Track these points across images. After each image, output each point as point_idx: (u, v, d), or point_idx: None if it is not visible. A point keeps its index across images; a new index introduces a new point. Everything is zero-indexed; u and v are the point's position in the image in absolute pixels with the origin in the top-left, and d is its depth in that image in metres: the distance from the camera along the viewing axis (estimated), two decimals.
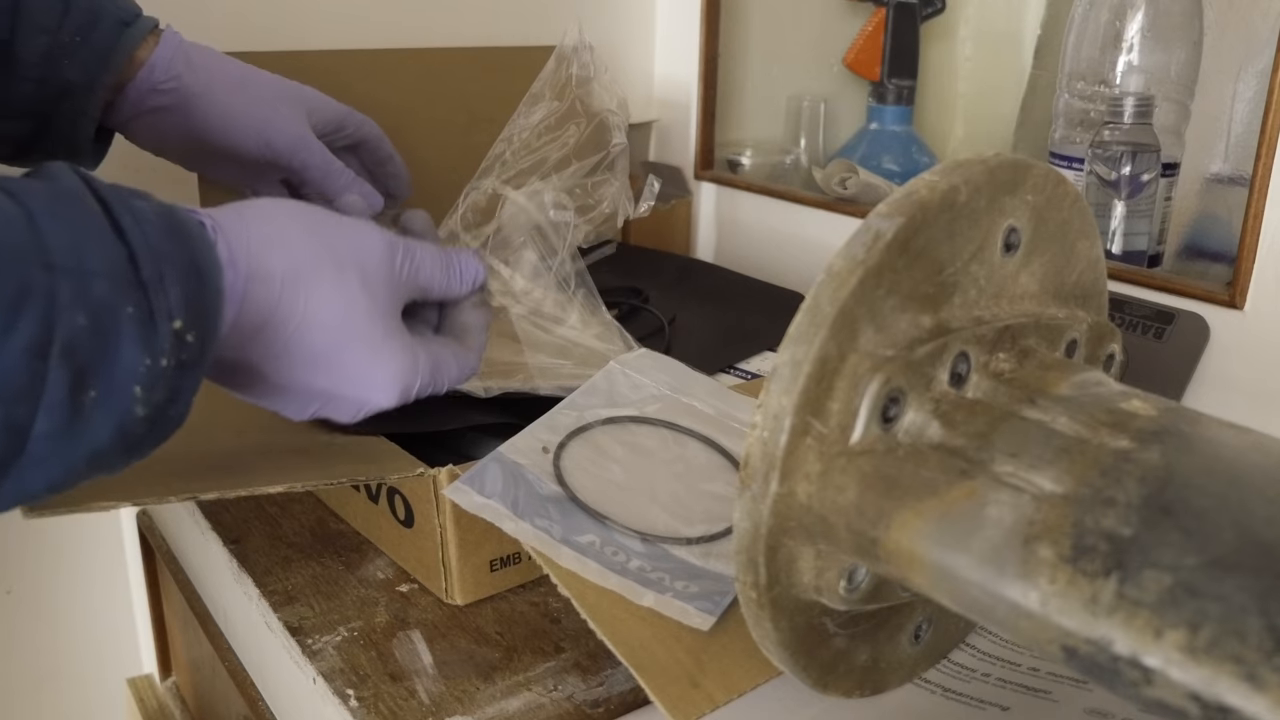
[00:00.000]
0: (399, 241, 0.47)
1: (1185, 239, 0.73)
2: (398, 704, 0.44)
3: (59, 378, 0.31)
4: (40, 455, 0.32)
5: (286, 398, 0.45)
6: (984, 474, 0.33)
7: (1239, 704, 0.26)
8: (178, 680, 0.81)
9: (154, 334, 0.33)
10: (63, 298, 0.31)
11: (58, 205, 0.33)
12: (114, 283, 0.33)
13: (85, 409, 0.32)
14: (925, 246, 0.35)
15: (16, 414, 0.31)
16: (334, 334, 0.43)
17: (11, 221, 0.31)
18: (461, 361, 0.50)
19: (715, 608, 0.44)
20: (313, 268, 0.42)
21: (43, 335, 0.31)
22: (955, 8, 0.90)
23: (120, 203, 0.34)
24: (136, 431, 0.34)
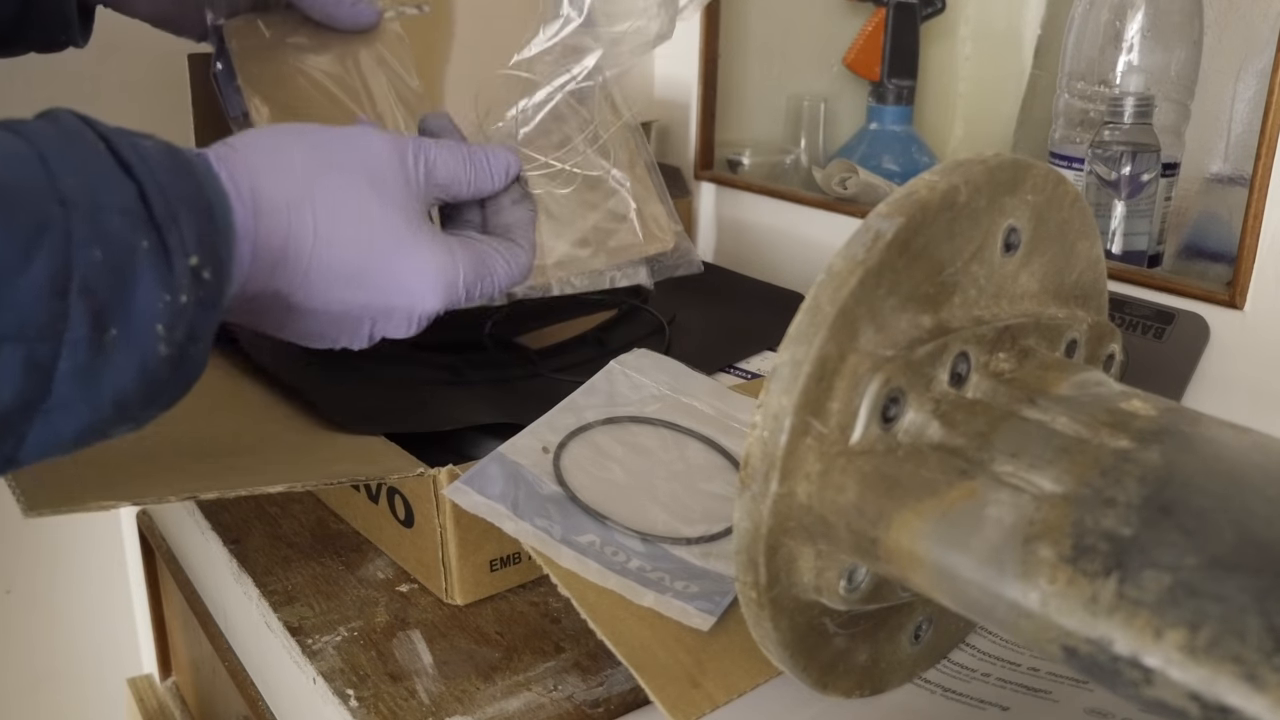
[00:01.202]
0: (406, 141, 0.46)
1: (1185, 239, 0.73)
2: (398, 704, 0.44)
3: (79, 315, 0.31)
4: (66, 397, 0.32)
5: (336, 324, 0.44)
6: (984, 474, 0.33)
7: (1239, 704, 0.26)
8: (178, 680, 0.81)
9: (170, 270, 0.33)
10: (78, 233, 0.31)
11: (65, 144, 0.33)
12: (127, 218, 0.32)
13: (107, 347, 0.32)
14: (925, 246, 0.35)
15: (39, 352, 0.30)
16: (355, 243, 0.42)
17: (23, 159, 0.31)
18: (511, 259, 0.48)
19: (715, 608, 0.44)
20: (316, 185, 0.41)
21: (61, 271, 0.30)
22: (955, 8, 0.90)
23: (125, 141, 0.34)
24: (160, 373, 0.34)
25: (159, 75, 0.83)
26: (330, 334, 0.44)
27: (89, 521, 0.90)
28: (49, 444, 0.33)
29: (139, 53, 0.81)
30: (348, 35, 0.64)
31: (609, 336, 0.69)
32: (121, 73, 0.82)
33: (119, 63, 0.82)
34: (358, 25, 0.64)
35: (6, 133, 0.32)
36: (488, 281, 0.46)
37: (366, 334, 0.45)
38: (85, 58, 0.61)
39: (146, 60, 0.82)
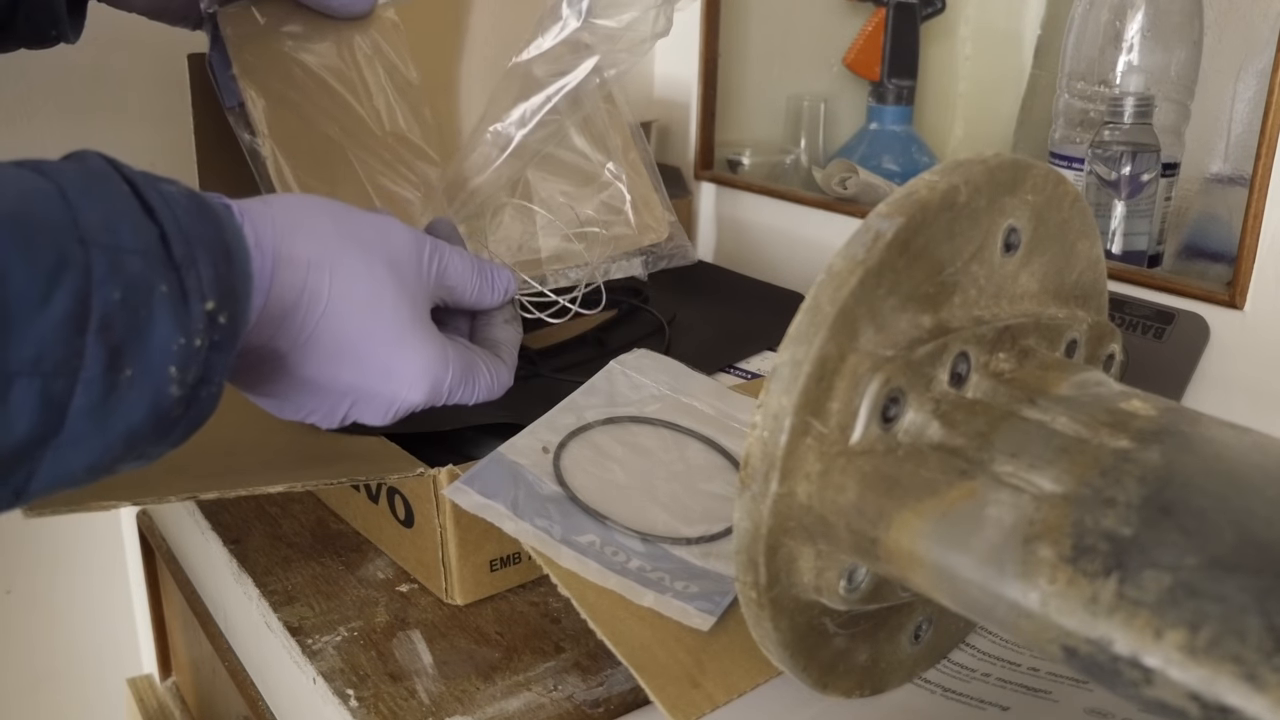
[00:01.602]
0: (425, 238, 0.46)
1: (1185, 239, 0.73)
2: (398, 704, 0.44)
3: (96, 353, 0.31)
4: (79, 433, 0.32)
5: (316, 397, 0.44)
6: (984, 474, 0.33)
7: (1239, 704, 0.26)
8: (178, 680, 0.81)
9: (187, 313, 0.34)
10: (98, 272, 0.32)
11: (89, 184, 0.33)
12: (147, 260, 0.33)
13: (121, 386, 0.32)
14: (925, 246, 0.35)
15: (55, 388, 0.31)
16: (360, 320, 0.42)
17: (47, 197, 0.32)
18: (494, 373, 0.49)
19: (715, 608, 0.44)
20: (339, 253, 0.42)
21: (80, 308, 0.31)
22: (955, 8, 0.90)
23: (148, 184, 0.35)
24: (171, 413, 0.34)
25: (159, 74, 0.83)
26: (307, 405, 0.45)
27: (89, 521, 0.90)
28: (59, 478, 0.33)
29: (139, 52, 0.81)
30: (343, 23, 0.64)
31: (609, 336, 0.69)
32: (121, 72, 0.82)
33: (119, 62, 0.82)
34: (352, 13, 0.64)
35: (31, 172, 0.33)
36: (469, 389, 0.47)
37: (341, 414, 0.45)
38: (85, 57, 0.61)
39: (146, 59, 0.82)
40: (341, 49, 0.64)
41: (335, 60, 0.64)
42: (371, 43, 0.64)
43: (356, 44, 0.64)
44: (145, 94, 0.84)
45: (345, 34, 0.64)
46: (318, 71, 0.63)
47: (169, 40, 0.65)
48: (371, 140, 0.64)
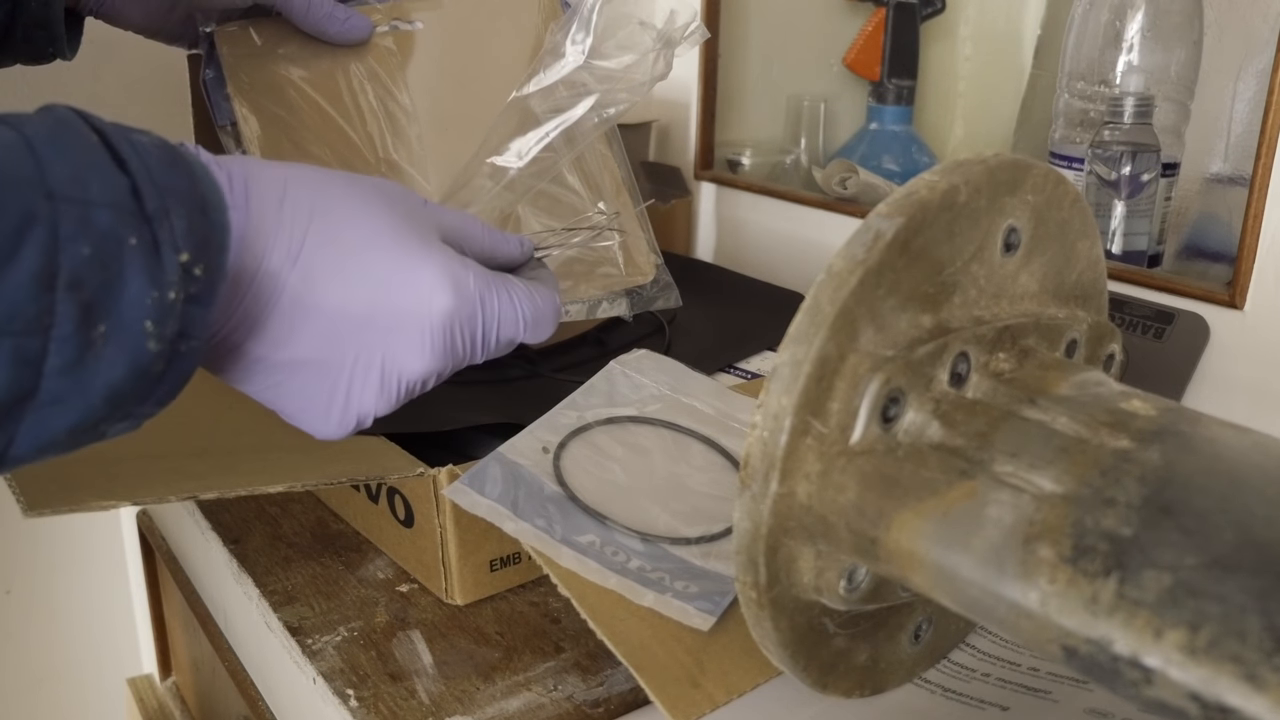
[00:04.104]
0: None
1: (1185, 239, 0.73)
2: (398, 704, 0.44)
3: (67, 310, 0.31)
4: (57, 393, 0.31)
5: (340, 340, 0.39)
6: (984, 474, 0.33)
7: (1239, 704, 0.26)
8: (178, 680, 0.81)
9: (160, 266, 0.33)
10: (66, 227, 0.31)
11: (57, 136, 0.32)
12: (118, 213, 0.32)
13: (96, 343, 0.32)
14: (925, 246, 0.35)
15: (28, 347, 0.30)
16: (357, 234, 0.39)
17: (11, 148, 0.31)
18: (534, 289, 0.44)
19: (715, 608, 0.44)
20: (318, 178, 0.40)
21: (47, 265, 0.30)
22: (955, 8, 0.90)
23: (120, 135, 0.34)
24: (152, 369, 0.34)
25: (159, 76, 0.83)
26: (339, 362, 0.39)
27: (89, 521, 0.90)
28: (42, 441, 0.33)
29: (139, 53, 0.81)
30: (339, 48, 0.64)
31: (609, 336, 0.69)
32: (122, 73, 0.82)
33: (119, 63, 0.82)
34: (348, 40, 0.64)
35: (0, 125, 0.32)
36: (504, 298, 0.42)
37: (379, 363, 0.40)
38: (85, 58, 0.61)
39: (146, 61, 0.82)
40: (336, 73, 0.64)
41: (330, 84, 0.64)
42: (367, 69, 0.65)
43: (352, 69, 0.65)
44: (145, 96, 0.84)
45: (341, 59, 0.65)
46: (312, 94, 0.63)
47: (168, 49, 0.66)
48: (362, 165, 0.64)
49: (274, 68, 0.63)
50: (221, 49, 0.63)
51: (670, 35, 0.61)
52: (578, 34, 0.61)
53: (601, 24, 0.61)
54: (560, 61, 0.62)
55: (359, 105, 0.64)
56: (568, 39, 0.62)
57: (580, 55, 0.62)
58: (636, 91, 0.63)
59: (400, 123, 0.65)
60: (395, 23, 0.66)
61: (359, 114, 0.65)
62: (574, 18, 0.62)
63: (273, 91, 0.63)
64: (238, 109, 0.63)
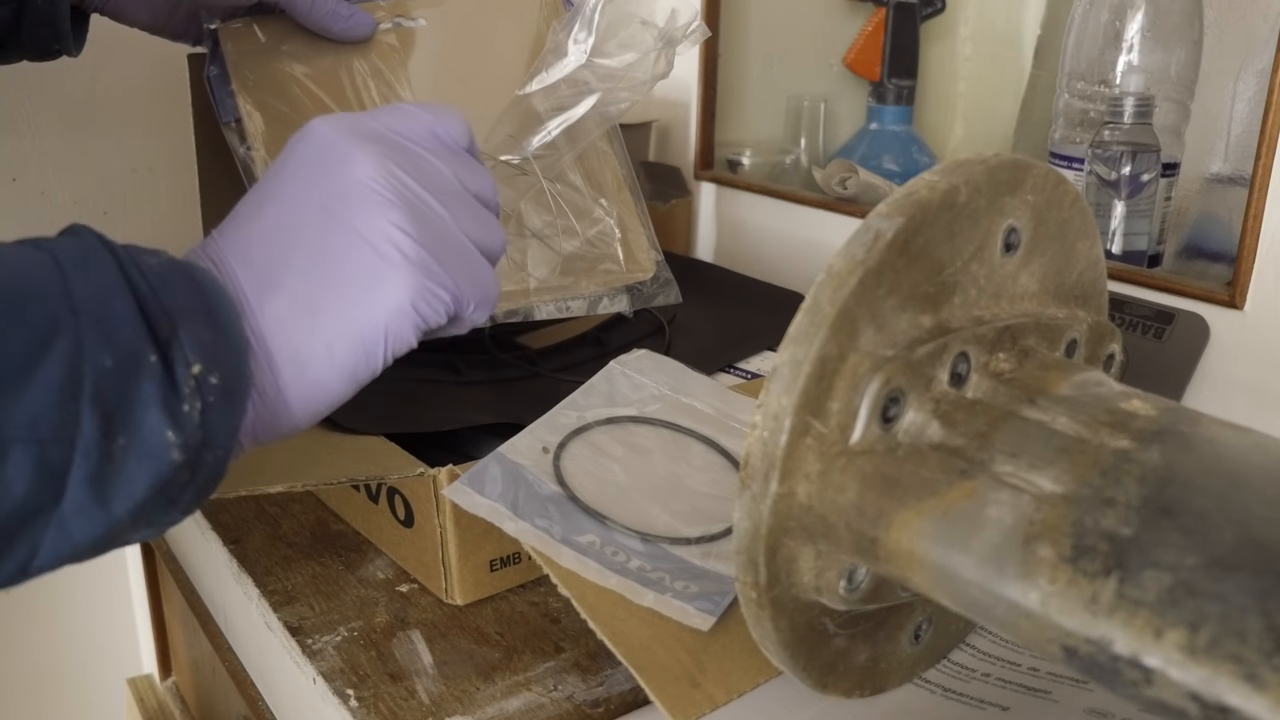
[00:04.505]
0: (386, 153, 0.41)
1: (1185, 239, 0.73)
2: (398, 704, 0.44)
3: (91, 420, 0.32)
4: (80, 503, 0.32)
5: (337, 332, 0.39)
6: (984, 474, 0.33)
7: (1239, 704, 0.26)
8: (178, 680, 0.81)
9: (172, 381, 0.34)
10: (90, 339, 0.32)
11: (82, 256, 0.34)
12: (134, 331, 0.33)
13: (116, 455, 0.32)
14: (925, 246, 0.35)
15: (52, 454, 0.31)
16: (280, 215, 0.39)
17: (40, 265, 0.33)
18: None
19: (715, 608, 0.44)
20: None
21: (72, 375, 0.31)
22: (955, 8, 0.90)
23: (129, 259, 0.35)
24: (176, 480, 0.34)
25: (159, 76, 0.83)
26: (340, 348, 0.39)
27: None
28: (65, 552, 0.33)
29: (139, 53, 0.81)
30: (342, 45, 0.65)
31: (609, 336, 0.69)
32: (122, 73, 0.82)
33: (120, 63, 0.82)
34: (351, 37, 0.64)
35: (27, 246, 0.34)
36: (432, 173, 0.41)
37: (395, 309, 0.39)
38: (86, 59, 0.62)
39: (146, 60, 0.82)
40: (340, 70, 0.65)
41: (333, 80, 0.64)
42: (370, 65, 0.65)
43: (355, 66, 0.65)
44: (146, 96, 0.84)
45: (344, 55, 0.65)
46: (315, 90, 0.64)
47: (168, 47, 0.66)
48: None
49: (278, 64, 0.64)
50: (226, 46, 0.63)
51: (672, 34, 0.62)
52: (580, 33, 0.62)
53: (604, 23, 0.61)
54: (563, 60, 0.62)
55: (362, 102, 0.65)
56: (570, 38, 0.62)
57: (583, 54, 0.62)
58: (638, 90, 0.63)
59: None
60: (398, 20, 0.66)
61: (362, 110, 0.64)
62: (576, 17, 0.62)
63: (276, 88, 0.63)
64: (242, 105, 0.63)
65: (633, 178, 0.68)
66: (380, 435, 0.53)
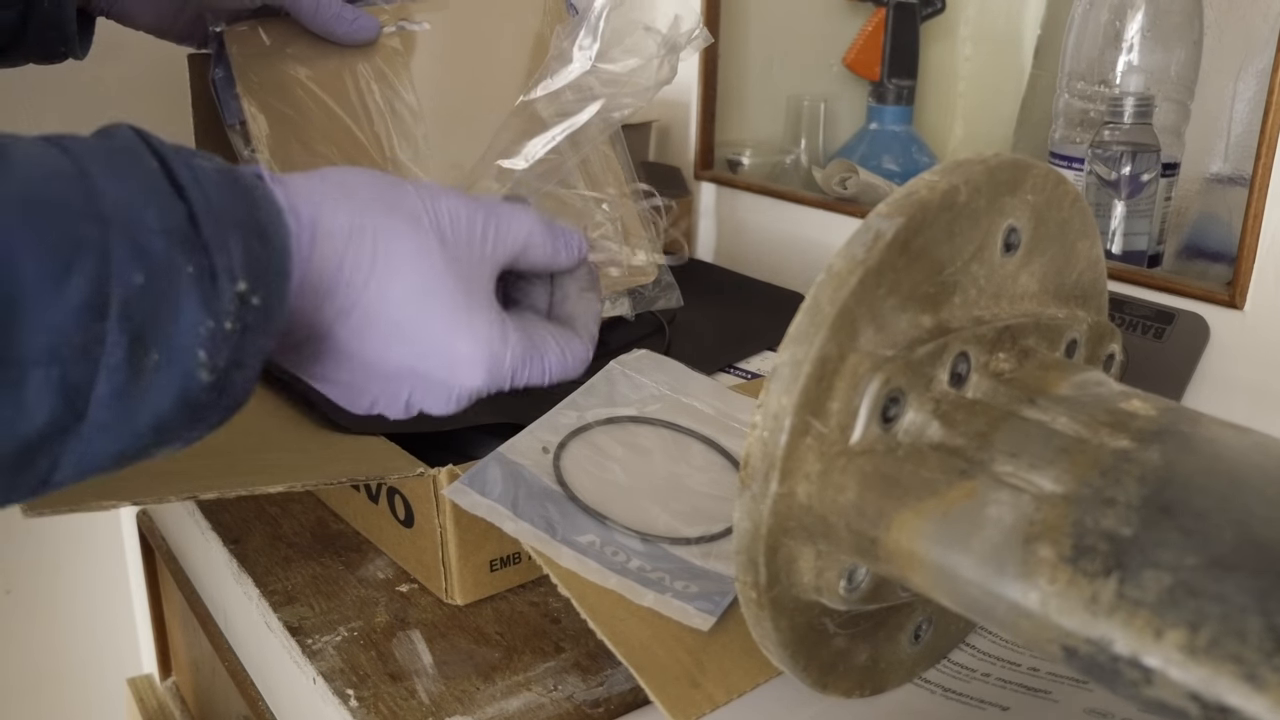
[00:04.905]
0: (482, 202, 0.44)
1: (1185, 239, 0.73)
2: (398, 704, 0.44)
3: (118, 338, 0.30)
4: (103, 421, 0.31)
5: (372, 379, 0.42)
6: (984, 474, 0.33)
7: (1239, 704, 0.26)
8: (178, 680, 0.81)
9: (216, 296, 0.32)
10: (118, 254, 0.30)
11: (114, 160, 0.32)
12: (173, 240, 0.32)
13: (146, 372, 0.31)
14: (925, 246, 0.35)
15: (75, 375, 0.30)
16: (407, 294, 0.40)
17: (62, 174, 0.31)
18: (567, 349, 0.45)
19: (715, 608, 0.44)
20: (382, 222, 0.40)
21: (98, 293, 0.30)
22: (955, 8, 0.90)
23: (179, 160, 0.33)
24: (202, 399, 0.33)
25: (159, 76, 0.83)
26: (369, 390, 0.42)
27: (89, 521, 0.90)
28: (85, 467, 0.32)
29: (140, 54, 0.81)
30: (347, 48, 0.65)
31: (609, 336, 0.69)
32: (122, 73, 0.82)
33: (120, 63, 0.82)
34: (356, 40, 0.64)
35: (52, 148, 0.32)
36: (536, 369, 0.44)
37: (404, 401, 0.43)
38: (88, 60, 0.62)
39: (147, 61, 0.82)
40: (344, 73, 0.65)
41: (337, 83, 0.65)
42: (374, 68, 0.65)
43: (359, 69, 0.65)
44: (146, 96, 0.84)
45: (349, 58, 0.65)
46: (319, 93, 0.64)
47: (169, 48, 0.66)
48: (369, 164, 0.64)
49: (282, 67, 0.64)
50: (231, 48, 0.64)
51: (674, 40, 0.62)
52: (584, 40, 0.62)
53: (608, 30, 0.62)
54: (567, 67, 0.63)
55: (366, 105, 0.65)
56: (575, 45, 0.62)
57: (587, 61, 0.62)
58: (641, 96, 0.63)
59: (406, 122, 0.65)
60: (402, 23, 0.66)
61: (366, 113, 0.65)
62: (581, 24, 0.62)
63: (281, 91, 0.63)
64: (246, 108, 0.63)
65: (635, 182, 0.68)
66: (380, 435, 0.53)
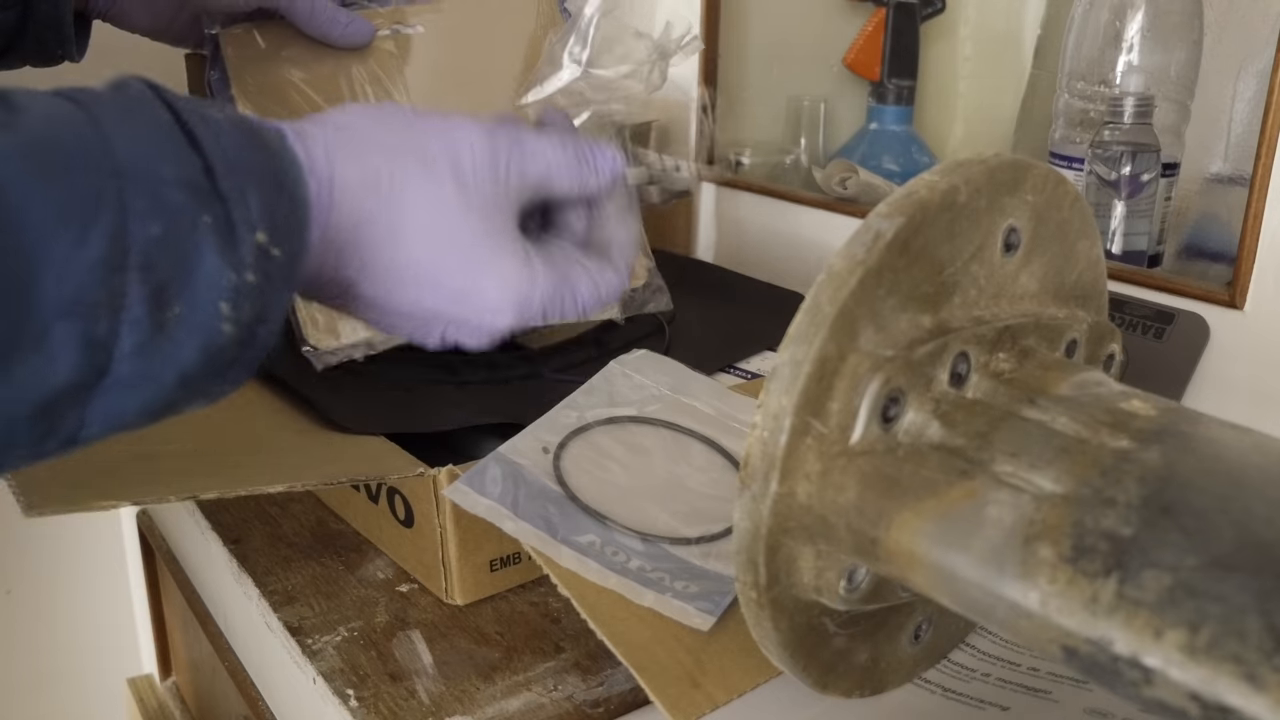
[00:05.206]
0: (501, 131, 0.42)
1: (1185, 239, 0.73)
2: (398, 704, 0.44)
3: (138, 291, 0.30)
4: (128, 375, 0.31)
5: (405, 320, 0.42)
6: (984, 474, 0.33)
7: (1239, 704, 0.26)
8: (178, 680, 0.81)
9: (235, 248, 0.32)
10: (135, 206, 0.30)
11: (127, 112, 0.32)
12: (190, 192, 0.31)
13: (169, 325, 0.31)
14: (925, 246, 0.35)
15: (98, 329, 0.29)
16: (428, 243, 0.40)
17: (76, 127, 0.30)
18: (601, 280, 0.44)
19: (715, 608, 0.44)
20: (398, 171, 0.39)
21: (116, 246, 0.29)
22: (955, 8, 0.90)
23: (193, 111, 0.33)
24: (226, 352, 0.33)
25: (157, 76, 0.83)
26: (401, 327, 0.42)
27: (89, 521, 0.90)
28: (113, 422, 0.32)
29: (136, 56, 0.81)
30: (342, 51, 0.65)
31: (608, 337, 0.69)
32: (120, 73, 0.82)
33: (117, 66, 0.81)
34: (350, 44, 0.65)
35: (64, 100, 0.31)
36: (569, 302, 0.43)
37: (438, 336, 0.42)
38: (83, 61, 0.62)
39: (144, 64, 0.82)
40: (339, 76, 0.65)
41: (332, 86, 0.65)
42: (368, 71, 0.66)
43: (354, 72, 0.65)
44: None
45: (343, 62, 0.65)
46: (314, 96, 0.64)
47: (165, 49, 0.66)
48: None
49: (277, 70, 0.64)
50: (226, 51, 0.64)
51: (666, 46, 0.62)
52: (575, 46, 0.62)
53: (599, 36, 0.62)
54: (559, 73, 0.63)
55: None
56: (566, 51, 0.62)
57: (578, 67, 0.62)
58: (633, 102, 0.63)
59: None
60: (396, 27, 0.67)
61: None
62: (572, 30, 0.62)
63: (276, 93, 0.64)
64: (241, 110, 0.63)
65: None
66: (380, 435, 0.53)
